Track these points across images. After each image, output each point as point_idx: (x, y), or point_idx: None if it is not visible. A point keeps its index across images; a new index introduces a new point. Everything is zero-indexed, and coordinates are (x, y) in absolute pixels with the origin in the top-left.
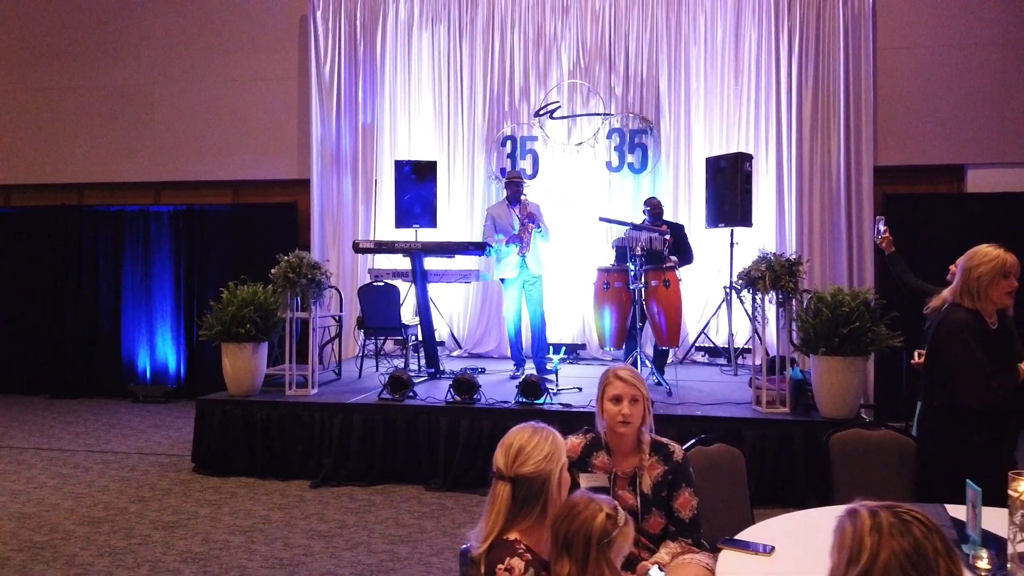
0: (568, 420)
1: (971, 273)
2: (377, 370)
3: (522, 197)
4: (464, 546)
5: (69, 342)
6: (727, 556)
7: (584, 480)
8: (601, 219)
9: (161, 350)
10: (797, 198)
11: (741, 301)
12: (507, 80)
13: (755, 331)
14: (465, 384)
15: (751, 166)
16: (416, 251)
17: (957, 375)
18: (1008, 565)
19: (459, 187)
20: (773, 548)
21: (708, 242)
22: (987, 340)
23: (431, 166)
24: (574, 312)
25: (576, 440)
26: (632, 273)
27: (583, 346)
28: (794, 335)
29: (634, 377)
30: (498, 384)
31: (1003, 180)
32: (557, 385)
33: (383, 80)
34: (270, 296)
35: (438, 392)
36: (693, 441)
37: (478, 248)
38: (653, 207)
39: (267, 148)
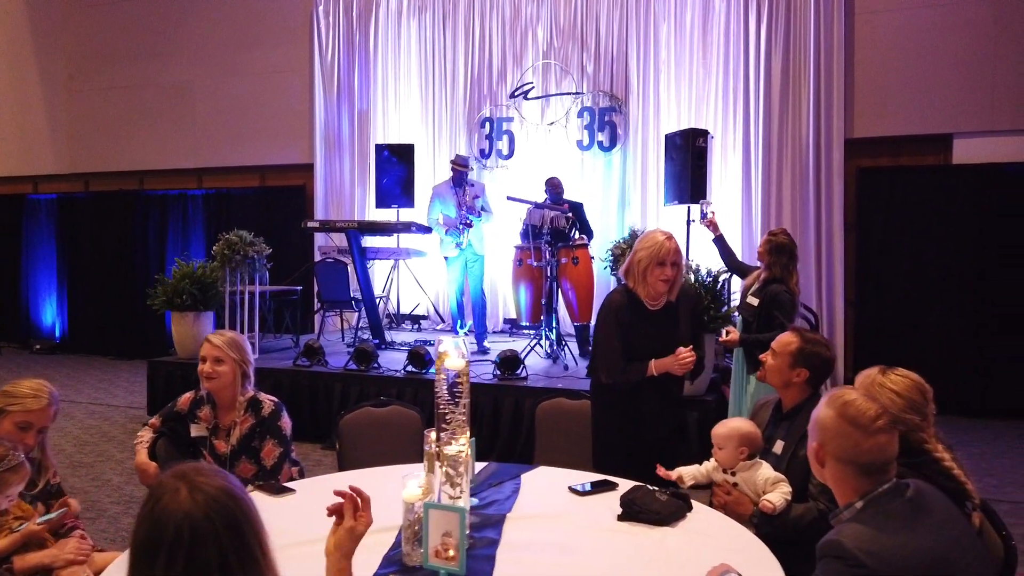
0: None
1: (634, 256)
2: (343, 340)
3: (465, 181)
4: None
5: (127, 310)
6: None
7: (193, 430)
8: (508, 199)
9: None
10: (764, 174)
11: (617, 279)
12: (486, 63)
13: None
14: (364, 354)
15: (705, 142)
16: (353, 230)
17: (597, 354)
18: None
19: (443, 168)
20: (294, 491)
21: (668, 220)
22: (640, 322)
23: (408, 149)
24: None
25: (187, 395)
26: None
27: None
28: None
29: (225, 343)
30: None
31: (992, 150)
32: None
33: (375, 68)
34: (208, 271)
35: (386, 362)
36: (365, 403)
37: (406, 228)
38: (553, 186)
39: (285, 135)
